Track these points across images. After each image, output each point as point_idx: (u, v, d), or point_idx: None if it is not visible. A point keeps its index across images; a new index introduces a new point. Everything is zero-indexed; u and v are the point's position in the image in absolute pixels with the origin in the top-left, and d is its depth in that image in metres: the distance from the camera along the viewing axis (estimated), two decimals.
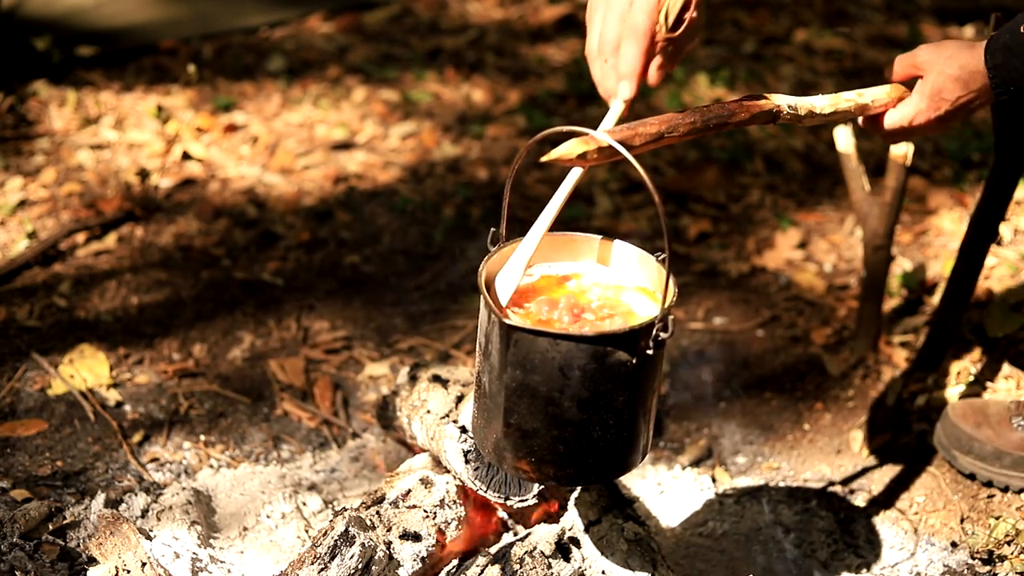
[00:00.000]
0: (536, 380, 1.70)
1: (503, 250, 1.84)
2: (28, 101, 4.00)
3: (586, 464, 1.76)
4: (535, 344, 1.68)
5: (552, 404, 1.71)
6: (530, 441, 1.75)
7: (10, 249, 3.24)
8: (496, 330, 1.71)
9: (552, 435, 1.73)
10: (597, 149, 1.69)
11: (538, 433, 1.74)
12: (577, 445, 1.73)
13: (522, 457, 1.76)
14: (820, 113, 1.88)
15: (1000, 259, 3.17)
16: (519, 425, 1.74)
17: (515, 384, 1.71)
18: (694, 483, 2.57)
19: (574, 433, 1.72)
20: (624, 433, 1.75)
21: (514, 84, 4.38)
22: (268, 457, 2.63)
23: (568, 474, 1.78)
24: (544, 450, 1.74)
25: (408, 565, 1.98)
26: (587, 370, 1.67)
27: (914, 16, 5.03)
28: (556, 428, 1.72)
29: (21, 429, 2.58)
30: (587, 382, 1.68)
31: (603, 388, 1.69)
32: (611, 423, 1.73)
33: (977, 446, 2.42)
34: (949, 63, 1.87)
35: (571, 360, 1.67)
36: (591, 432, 1.73)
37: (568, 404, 1.70)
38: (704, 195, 3.67)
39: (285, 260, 3.32)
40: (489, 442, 1.81)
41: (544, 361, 1.68)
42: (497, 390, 1.74)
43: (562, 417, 1.71)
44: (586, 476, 1.80)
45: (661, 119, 1.76)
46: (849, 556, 2.36)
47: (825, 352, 2.95)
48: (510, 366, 1.70)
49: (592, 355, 1.67)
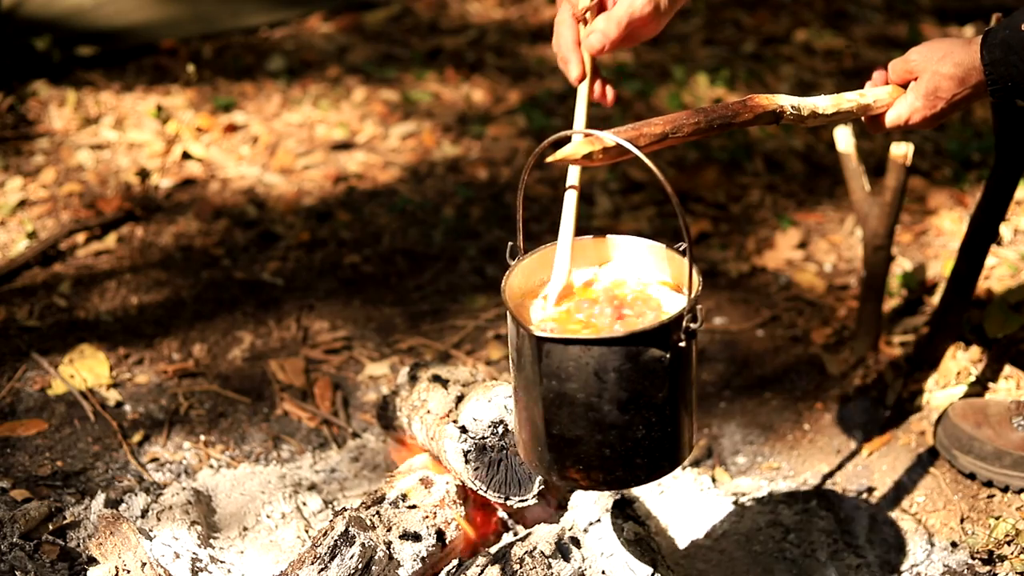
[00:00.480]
0: (573, 388, 1.69)
1: (523, 263, 1.83)
2: (28, 101, 4.01)
3: (634, 464, 1.74)
4: (567, 352, 1.67)
5: (592, 410, 1.69)
6: (576, 449, 1.73)
7: (10, 249, 3.24)
8: (527, 343, 1.70)
9: (596, 440, 1.71)
10: (603, 149, 1.70)
11: (582, 440, 1.72)
12: (623, 447, 1.72)
13: (570, 466, 1.75)
14: (823, 113, 1.88)
15: (1000, 259, 3.18)
16: (562, 435, 1.73)
17: (552, 395, 1.70)
18: (694, 483, 2.57)
19: (618, 436, 1.71)
20: (668, 429, 1.74)
21: (514, 84, 4.38)
22: (268, 457, 2.63)
23: (619, 477, 1.76)
24: (591, 456, 1.73)
25: (408, 565, 1.98)
26: (622, 371, 1.66)
27: (914, 16, 5.03)
28: (599, 433, 1.71)
29: (21, 429, 2.58)
30: (624, 383, 1.67)
31: (641, 387, 1.68)
32: (654, 420, 1.71)
33: (977, 446, 2.42)
34: (943, 62, 1.87)
35: (605, 363, 1.66)
36: (635, 432, 1.71)
37: (608, 408, 1.69)
38: (704, 195, 3.67)
39: (285, 260, 3.32)
40: (536, 456, 1.79)
41: (578, 368, 1.67)
42: (535, 402, 1.73)
43: (604, 421, 1.70)
44: (637, 477, 1.78)
45: (665, 119, 1.76)
46: (849, 556, 2.36)
47: (825, 352, 2.95)
48: (545, 377, 1.69)
49: (626, 355, 1.66)
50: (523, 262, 1.84)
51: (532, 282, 1.87)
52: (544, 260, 1.87)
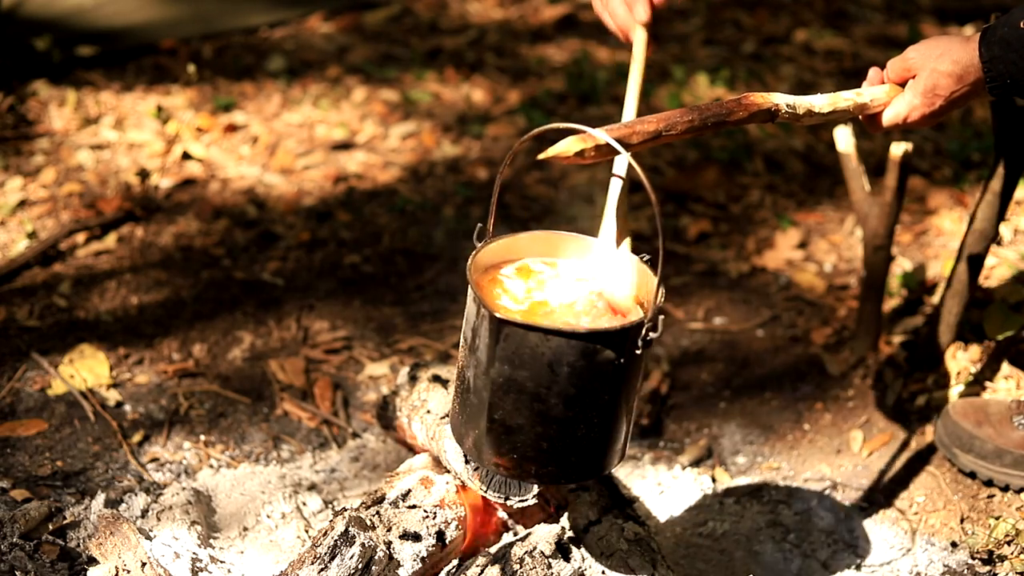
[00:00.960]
0: (524, 376, 1.70)
1: (490, 246, 1.84)
2: (28, 101, 4.00)
3: (568, 462, 1.76)
4: (526, 339, 1.68)
5: (538, 400, 1.70)
6: (513, 437, 1.75)
7: (10, 249, 3.24)
8: (485, 324, 1.71)
9: (536, 432, 1.73)
10: (595, 147, 1.70)
11: (522, 429, 1.73)
12: (561, 443, 1.73)
13: (504, 454, 1.76)
14: (819, 112, 1.88)
15: (1000, 259, 3.17)
16: (503, 421, 1.74)
17: (502, 379, 1.71)
18: (694, 483, 2.57)
19: (559, 431, 1.72)
20: (607, 432, 1.75)
21: (514, 84, 4.38)
22: (268, 457, 2.62)
23: (549, 472, 1.77)
24: (527, 447, 1.74)
25: (408, 565, 1.98)
26: (576, 367, 1.67)
27: (914, 16, 5.03)
28: (541, 425, 1.72)
29: (21, 429, 2.58)
30: (575, 379, 1.68)
31: (590, 386, 1.70)
32: (595, 421, 1.73)
33: (978, 444, 2.42)
34: (941, 60, 1.87)
35: (561, 356, 1.67)
36: (576, 430, 1.73)
37: (555, 401, 1.70)
38: (704, 195, 3.67)
39: (285, 260, 3.32)
40: (469, 437, 1.81)
41: (534, 356, 1.68)
42: (483, 385, 1.74)
43: (548, 414, 1.71)
44: (567, 474, 1.80)
45: (659, 117, 1.76)
46: (849, 556, 2.36)
47: (825, 352, 2.95)
48: (498, 361, 1.70)
49: (582, 352, 1.67)
50: (490, 246, 1.85)
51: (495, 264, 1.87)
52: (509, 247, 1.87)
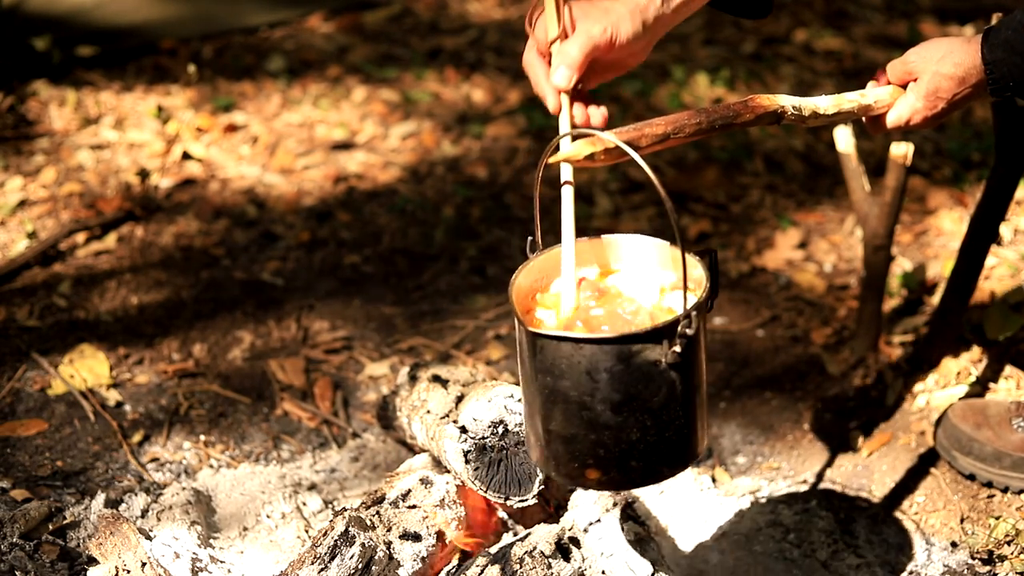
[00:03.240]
0: (566, 385, 1.69)
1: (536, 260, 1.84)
2: (28, 101, 4.01)
3: (629, 467, 1.73)
4: (559, 350, 1.67)
5: (585, 408, 1.69)
6: (571, 447, 1.73)
7: (10, 249, 3.24)
8: (524, 338, 1.72)
9: (591, 440, 1.71)
10: (604, 150, 1.70)
11: (577, 439, 1.72)
12: (617, 448, 1.71)
13: (567, 463, 1.75)
14: (824, 114, 1.88)
15: (1000, 259, 3.17)
16: (558, 432, 1.73)
17: (547, 391, 1.71)
18: (694, 483, 2.57)
19: (612, 437, 1.70)
20: (666, 434, 1.73)
21: (514, 84, 4.38)
22: (268, 457, 2.63)
23: (613, 478, 1.75)
24: (585, 455, 1.73)
25: (408, 565, 1.98)
26: (614, 372, 1.66)
27: (914, 16, 5.03)
28: (593, 432, 1.71)
29: (21, 429, 2.58)
30: (616, 384, 1.67)
31: (634, 389, 1.68)
32: (649, 424, 1.70)
33: (977, 447, 2.42)
34: (943, 62, 1.87)
35: (596, 363, 1.66)
36: (629, 435, 1.70)
37: (601, 408, 1.68)
38: (704, 195, 3.67)
39: (285, 260, 3.32)
40: (536, 451, 1.80)
41: (570, 366, 1.67)
42: (533, 398, 1.75)
43: (597, 421, 1.70)
44: (632, 479, 1.77)
45: (667, 120, 1.76)
46: (849, 556, 2.36)
47: (825, 352, 2.95)
48: (540, 373, 1.70)
49: (617, 356, 1.65)
50: (537, 259, 1.84)
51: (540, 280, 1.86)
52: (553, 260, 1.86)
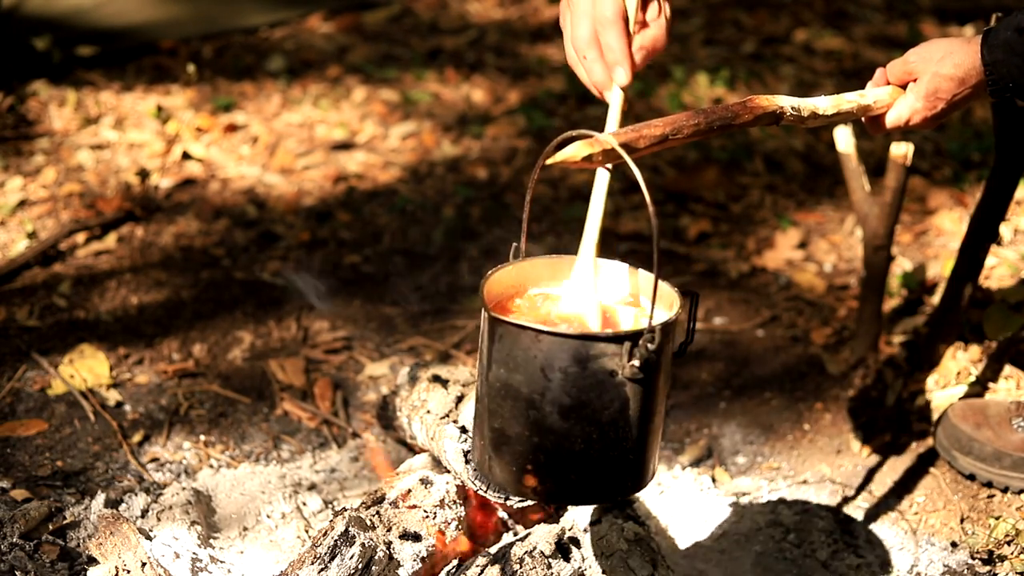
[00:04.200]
0: (518, 380, 1.64)
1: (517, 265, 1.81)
2: (28, 101, 4.01)
3: (567, 480, 1.67)
4: (518, 339, 1.62)
5: (533, 407, 1.64)
6: (512, 447, 1.68)
7: (10, 249, 3.24)
8: (486, 326, 1.67)
9: (533, 442, 1.65)
10: (603, 152, 1.69)
11: (520, 439, 1.66)
12: (558, 456, 1.65)
13: (504, 465, 1.69)
14: (823, 114, 1.87)
15: (1000, 259, 3.18)
16: (502, 429, 1.68)
17: (499, 384, 1.66)
18: (694, 483, 2.57)
19: (555, 442, 1.64)
20: (611, 452, 1.65)
21: (514, 84, 4.38)
22: (268, 457, 2.63)
23: (547, 489, 1.69)
24: (524, 458, 1.67)
25: (408, 565, 1.98)
26: (569, 373, 1.61)
27: (914, 16, 5.03)
28: (537, 435, 1.65)
29: (21, 429, 2.58)
30: (569, 387, 1.62)
31: (586, 396, 1.62)
32: (595, 438, 1.64)
33: (977, 447, 2.42)
34: (943, 63, 1.87)
35: (552, 360, 1.61)
36: (573, 444, 1.64)
37: (549, 409, 1.63)
38: (704, 195, 3.67)
39: (285, 260, 3.32)
40: (477, 450, 1.75)
41: (526, 359, 1.62)
42: (484, 391, 1.70)
43: (543, 423, 1.64)
44: (567, 494, 1.71)
45: (665, 121, 1.75)
46: (849, 556, 2.36)
47: (825, 352, 2.95)
48: (495, 363, 1.65)
49: (574, 356, 1.60)
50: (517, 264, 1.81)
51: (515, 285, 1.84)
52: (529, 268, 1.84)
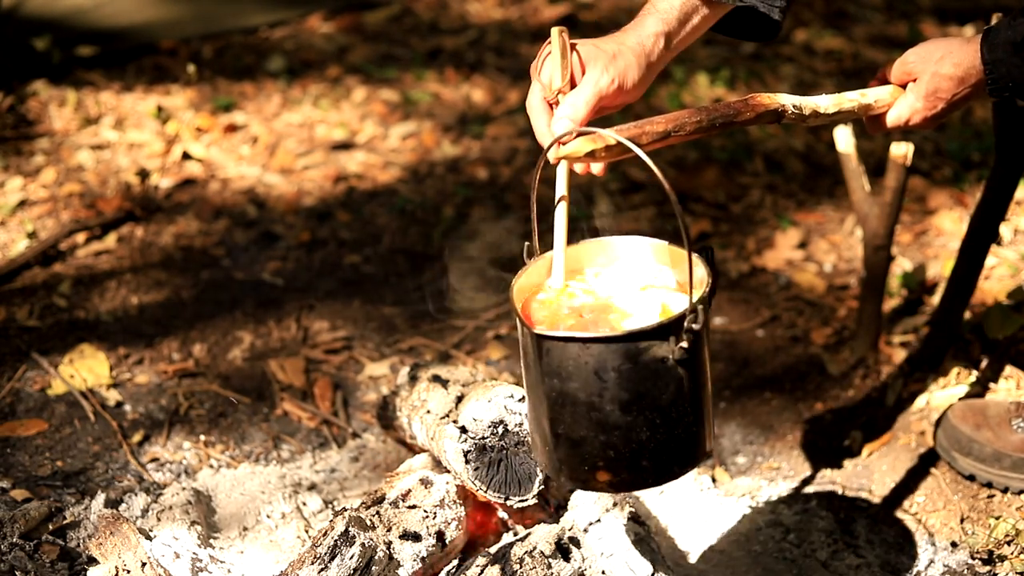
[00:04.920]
0: (574, 387, 1.68)
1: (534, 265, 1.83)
2: (28, 101, 4.01)
3: (640, 467, 1.72)
4: (566, 351, 1.66)
5: (594, 409, 1.68)
6: (580, 450, 1.72)
7: (10, 249, 3.24)
8: (529, 342, 1.70)
9: (600, 441, 1.70)
10: (605, 147, 1.70)
11: (586, 441, 1.71)
12: (627, 449, 1.70)
13: (576, 467, 1.74)
14: (824, 113, 1.88)
15: (1000, 259, 3.18)
16: (567, 435, 1.72)
17: (555, 393, 1.70)
18: (694, 483, 2.57)
19: (622, 437, 1.69)
20: (676, 431, 1.71)
21: (514, 84, 4.38)
22: (268, 457, 2.63)
23: (624, 479, 1.74)
24: (596, 457, 1.71)
25: (408, 565, 1.98)
26: (622, 371, 1.65)
27: (914, 16, 5.03)
28: (603, 434, 1.69)
29: (21, 429, 2.58)
30: (625, 383, 1.66)
31: (643, 388, 1.67)
32: (658, 422, 1.69)
33: (977, 448, 2.42)
34: (942, 63, 1.87)
35: (604, 363, 1.65)
36: (639, 434, 1.69)
37: (610, 408, 1.67)
38: (704, 195, 3.67)
39: (285, 260, 3.32)
40: (544, 456, 1.79)
41: (578, 367, 1.66)
42: (540, 402, 1.73)
43: (606, 422, 1.68)
44: (644, 479, 1.76)
45: (668, 118, 1.76)
46: (849, 556, 2.36)
47: (825, 352, 2.95)
48: (547, 376, 1.69)
49: (625, 355, 1.64)
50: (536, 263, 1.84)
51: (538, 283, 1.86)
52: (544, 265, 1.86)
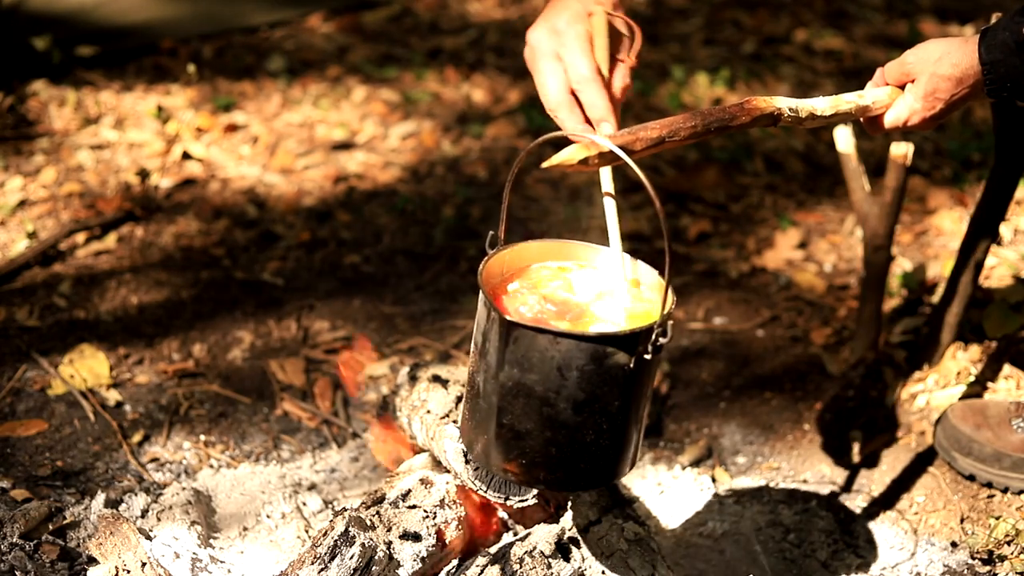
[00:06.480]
0: (533, 379, 1.69)
1: (501, 252, 1.84)
2: (28, 101, 4.00)
3: (577, 469, 1.75)
4: (535, 342, 1.67)
5: (547, 405, 1.70)
6: (522, 442, 1.74)
7: (10, 249, 3.24)
8: (496, 327, 1.71)
9: (545, 437, 1.72)
10: (598, 154, 1.69)
11: (531, 434, 1.73)
12: (570, 449, 1.73)
13: (512, 459, 1.76)
14: (821, 115, 1.88)
15: (1000, 259, 3.18)
16: (512, 426, 1.73)
17: (511, 383, 1.71)
18: (694, 483, 2.57)
19: (567, 436, 1.72)
20: (616, 439, 1.74)
21: (514, 84, 4.38)
22: (268, 457, 2.63)
23: (557, 478, 1.77)
24: (535, 452, 1.74)
25: (408, 565, 1.98)
26: (585, 371, 1.67)
27: (914, 16, 5.03)
28: (550, 430, 1.72)
29: (21, 429, 2.58)
30: (584, 384, 1.68)
31: (599, 391, 1.69)
32: (604, 427, 1.72)
33: (977, 448, 2.42)
34: (940, 63, 1.87)
35: (570, 360, 1.67)
36: (584, 436, 1.72)
37: (563, 406, 1.69)
38: (704, 195, 3.67)
39: (285, 260, 3.32)
40: (478, 443, 1.80)
41: (543, 360, 1.67)
42: (492, 389, 1.74)
43: (556, 419, 1.71)
44: (575, 482, 1.79)
45: (662, 123, 1.75)
46: (849, 556, 2.36)
47: (825, 352, 2.95)
48: (508, 364, 1.70)
49: (591, 356, 1.66)
50: (501, 252, 1.84)
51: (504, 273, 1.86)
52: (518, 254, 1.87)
